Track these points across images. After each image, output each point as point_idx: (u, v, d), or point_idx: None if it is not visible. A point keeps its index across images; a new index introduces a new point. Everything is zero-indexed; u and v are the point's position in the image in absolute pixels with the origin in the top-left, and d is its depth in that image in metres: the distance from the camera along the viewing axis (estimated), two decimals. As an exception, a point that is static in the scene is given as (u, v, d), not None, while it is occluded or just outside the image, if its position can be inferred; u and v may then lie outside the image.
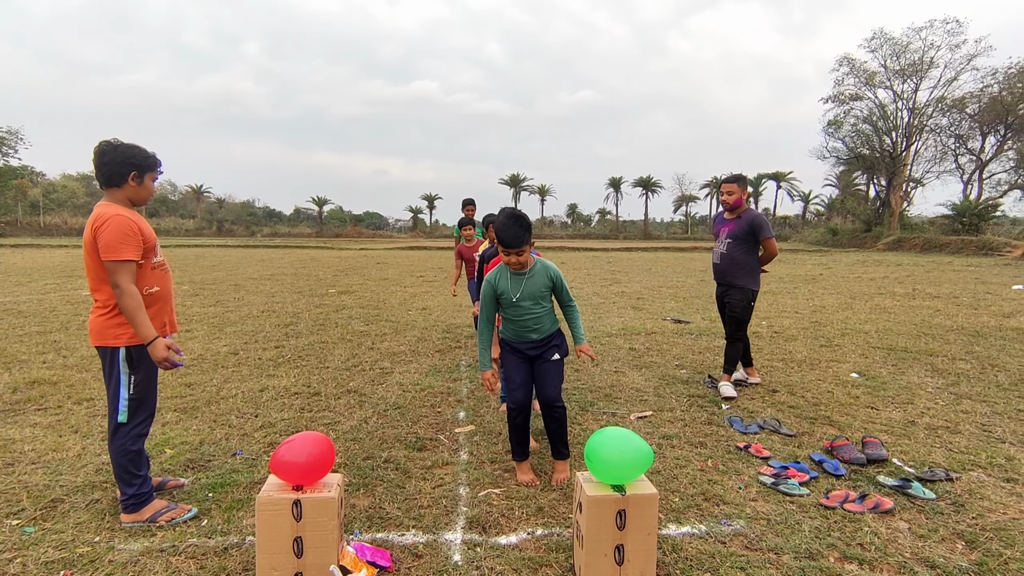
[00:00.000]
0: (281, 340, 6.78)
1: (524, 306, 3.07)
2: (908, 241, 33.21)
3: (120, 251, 2.50)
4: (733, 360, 4.84)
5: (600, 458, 2.26)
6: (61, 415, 4.13)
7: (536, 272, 3.10)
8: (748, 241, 4.67)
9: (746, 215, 4.72)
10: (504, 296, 3.07)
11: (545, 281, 3.11)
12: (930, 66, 37.73)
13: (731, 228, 4.73)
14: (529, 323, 3.10)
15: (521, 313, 3.08)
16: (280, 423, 4.03)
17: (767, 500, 2.97)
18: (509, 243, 2.93)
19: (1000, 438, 3.84)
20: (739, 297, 4.74)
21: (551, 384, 3.15)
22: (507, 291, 3.06)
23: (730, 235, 4.73)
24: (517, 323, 3.12)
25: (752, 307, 4.79)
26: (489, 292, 3.10)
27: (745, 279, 4.72)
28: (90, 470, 3.23)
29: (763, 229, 4.64)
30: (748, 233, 4.65)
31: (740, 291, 4.73)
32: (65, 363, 5.55)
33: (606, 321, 8.32)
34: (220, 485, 3.07)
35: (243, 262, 19.99)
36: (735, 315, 4.78)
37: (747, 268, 4.71)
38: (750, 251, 4.71)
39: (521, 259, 2.98)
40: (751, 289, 4.73)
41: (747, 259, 4.71)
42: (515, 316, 3.10)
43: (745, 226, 4.66)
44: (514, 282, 3.06)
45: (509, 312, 3.12)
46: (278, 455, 2.22)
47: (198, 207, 70.39)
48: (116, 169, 2.61)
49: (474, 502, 2.93)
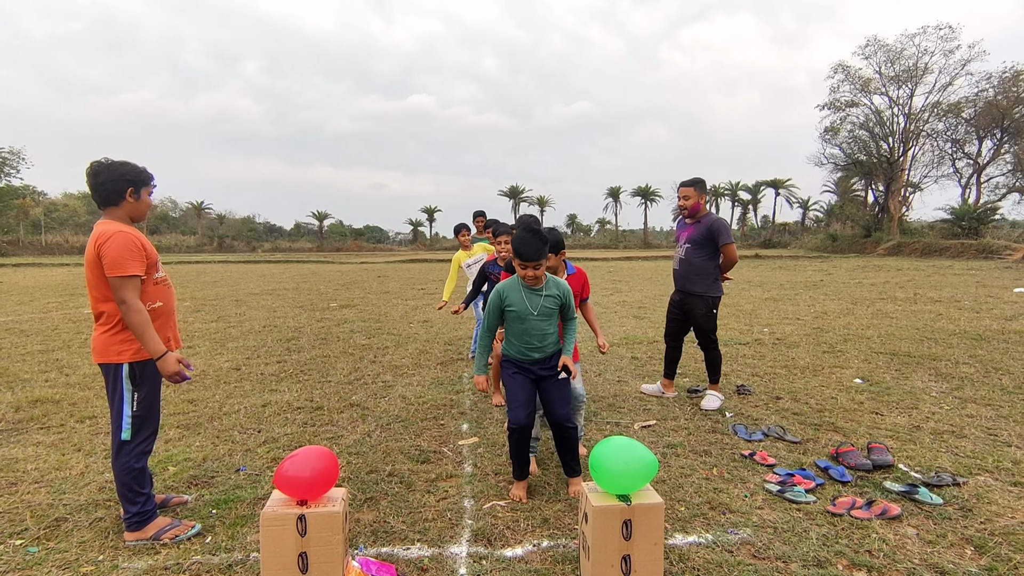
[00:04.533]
0: (283, 355, 6.78)
1: (533, 322, 3.00)
2: (908, 246, 33.23)
3: (126, 267, 2.51)
4: (716, 367, 4.72)
5: (605, 468, 2.25)
6: (64, 433, 4.13)
7: (549, 288, 3.04)
8: (707, 247, 4.53)
9: (705, 220, 4.57)
10: (513, 310, 3.00)
11: (556, 297, 3.06)
12: (925, 72, 38.02)
13: (690, 233, 4.61)
14: (535, 340, 3.02)
15: (528, 329, 3.00)
16: (283, 438, 4.02)
17: (773, 508, 2.96)
18: (528, 256, 2.85)
19: (1006, 442, 3.83)
20: (699, 305, 4.61)
21: (561, 403, 3.06)
22: (519, 305, 2.99)
23: (689, 240, 4.60)
24: (523, 339, 3.03)
25: (715, 314, 4.64)
26: (497, 303, 3.03)
27: (704, 286, 4.59)
28: (93, 488, 3.22)
29: (722, 234, 4.48)
30: (707, 238, 4.51)
31: (700, 299, 4.61)
32: (68, 381, 5.55)
33: (608, 331, 8.32)
34: (224, 501, 3.05)
35: (244, 277, 20.02)
36: (701, 324, 4.64)
37: (706, 275, 4.58)
38: (710, 257, 4.56)
39: (538, 273, 2.92)
40: (711, 296, 4.60)
41: (706, 265, 4.57)
42: (522, 331, 3.02)
43: (704, 231, 4.52)
44: (527, 297, 3.00)
45: (515, 327, 3.03)
46: (282, 470, 2.22)
47: (199, 224, 70.58)
48: (113, 187, 2.62)
49: (479, 515, 2.91)
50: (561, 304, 3.08)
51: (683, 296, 4.74)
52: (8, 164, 44.43)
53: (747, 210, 74.41)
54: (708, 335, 4.69)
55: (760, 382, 5.42)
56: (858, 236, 41.46)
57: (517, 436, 3.03)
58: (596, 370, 5.94)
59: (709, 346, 4.72)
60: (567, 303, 3.09)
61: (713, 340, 4.70)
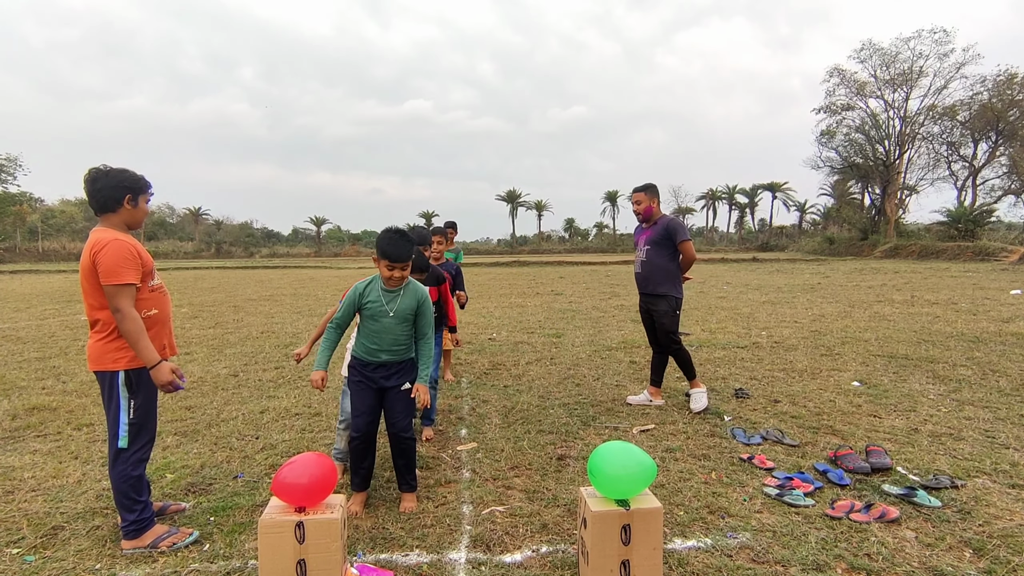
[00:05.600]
0: (281, 361, 6.77)
1: (387, 323, 2.96)
2: (905, 248, 33.36)
3: (120, 275, 2.50)
4: (688, 365, 4.71)
5: (603, 473, 2.25)
6: (61, 441, 4.11)
7: (408, 291, 3.02)
8: (666, 246, 4.60)
9: (661, 220, 4.66)
10: (369, 308, 2.96)
11: (412, 303, 3.02)
12: (919, 75, 38.30)
13: (648, 235, 4.69)
14: (387, 341, 2.98)
15: (381, 330, 2.97)
16: (281, 445, 4.01)
17: (772, 512, 2.96)
18: (396, 257, 2.88)
19: (1004, 444, 3.83)
20: (663, 306, 4.64)
21: (401, 413, 3.05)
22: (376, 305, 2.95)
23: (648, 242, 4.67)
24: (375, 338, 2.98)
25: (678, 315, 4.69)
26: (354, 299, 2.97)
27: (667, 286, 4.63)
28: (90, 496, 3.21)
29: (678, 232, 4.57)
30: (665, 238, 4.59)
31: (663, 299, 4.64)
32: (64, 389, 5.53)
33: (606, 335, 8.32)
34: (222, 509, 3.04)
35: (242, 283, 20.01)
36: (663, 324, 4.67)
37: (668, 274, 4.63)
38: (671, 257, 4.63)
39: (404, 274, 2.93)
40: (674, 296, 4.63)
41: (668, 265, 4.63)
42: (375, 331, 2.97)
43: (661, 231, 4.60)
44: (387, 296, 2.97)
45: (369, 326, 2.98)
46: (280, 477, 2.21)
47: (196, 229, 70.60)
48: (111, 194, 2.62)
49: (478, 520, 2.91)
50: (417, 311, 3.03)
51: (647, 299, 4.79)
52: (5, 171, 44.42)
53: (744, 213, 74.63)
54: (669, 335, 4.68)
55: (758, 385, 5.42)
56: (855, 239, 41.60)
57: (357, 444, 3.01)
58: (594, 374, 5.95)
59: (671, 347, 4.72)
60: (423, 310, 3.05)
61: (676, 340, 4.71)
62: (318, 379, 2.97)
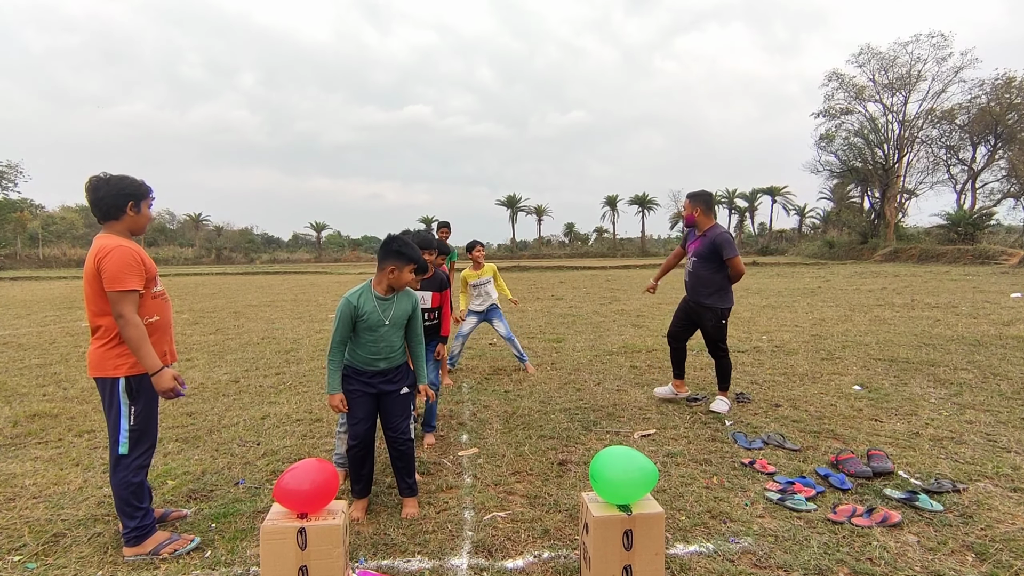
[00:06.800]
0: (282, 367, 6.77)
1: (385, 332, 2.97)
2: (905, 252, 33.35)
3: (125, 281, 2.52)
4: (727, 375, 4.79)
5: (605, 478, 2.25)
6: (62, 448, 4.11)
7: (401, 296, 3.04)
8: (713, 260, 4.62)
9: (711, 232, 4.66)
10: (366, 319, 2.93)
11: (407, 307, 3.05)
12: (918, 79, 38.40)
13: (696, 247, 4.72)
14: (383, 350, 2.99)
15: (378, 339, 2.97)
16: (282, 450, 4.01)
17: (774, 516, 2.95)
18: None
19: (1005, 447, 3.83)
20: (708, 317, 4.70)
21: (400, 417, 3.07)
22: (372, 315, 2.94)
23: (695, 254, 4.72)
24: (370, 348, 2.97)
25: (724, 325, 4.72)
26: (348, 313, 2.93)
27: (712, 298, 4.67)
28: (92, 503, 3.21)
29: (725, 248, 4.56)
30: (712, 252, 4.60)
31: (709, 311, 4.69)
32: (65, 395, 5.53)
33: (607, 339, 8.32)
34: (223, 515, 3.04)
35: (242, 289, 20.02)
36: (710, 334, 4.75)
37: (714, 287, 4.66)
38: (716, 270, 4.65)
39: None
40: (720, 308, 4.68)
41: (713, 277, 4.66)
42: (371, 341, 2.97)
43: (708, 245, 4.62)
44: (382, 304, 2.97)
45: (366, 337, 2.97)
46: (282, 483, 2.21)
47: (196, 235, 70.66)
48: (113, 202, 2.64)
49: (479, 526, 2.91)
50: (411, 315, 3.07)
51: (694, 305, 4.83)
52: (5, 177, 44.56)
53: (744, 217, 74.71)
54: (717, 344, 4.77)
55: (759, 390, 5.42)
56: (855, 242, 41.62)
57: (356, 451, 3.02)
58: (595, 379, 5.95)
59: (718, 355, 4.80)
60: (416, 315, 3.09)
61: (723, 349, 4.77)
62: (338, 402, 2.97)
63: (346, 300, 2.94)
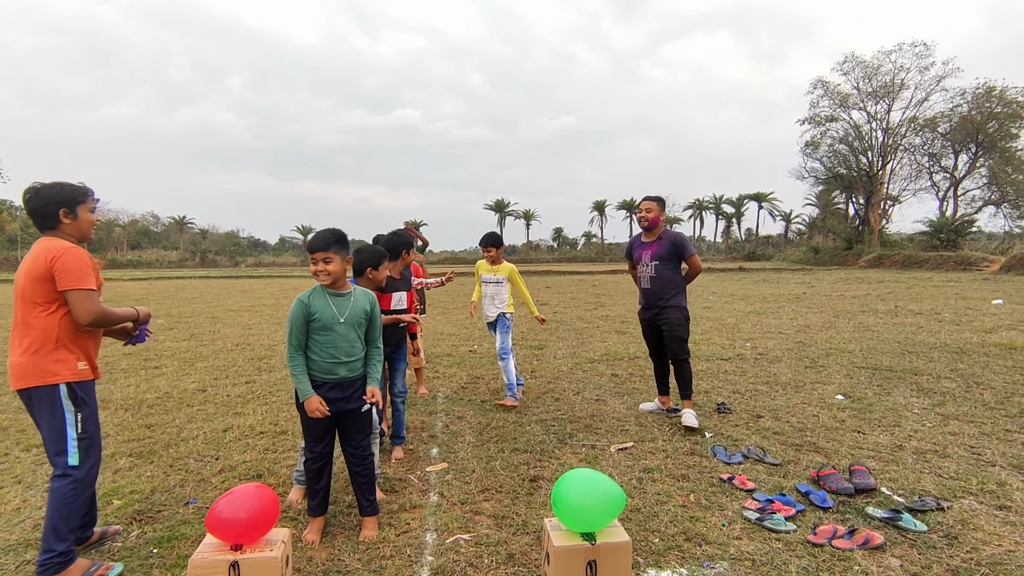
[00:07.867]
0: (253, 375, 6.55)
1: (341, 331, 2.83)
2: (888, 258, 33.64)
3: (86, 280, 2.47)
4: (688, 382, 4.65)
5: (567, 504, 2.09)
6: (7, 464, 3.88)
7: (356, 296, 2.92)
8: (674, 260, 4.73)
9: (666, 235, 4.77)
10: (319, 318, 2.79)
11: (365, 307, 2.92)
12: (901, 87, 38.89)
13: (655, 250, 4.75)
14: (343, 351, 2.83)
15: (336, 340, 2.82)
16: (241, 466, 3.80)
17: (752, 538, 2.81)
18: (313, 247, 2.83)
19: (990, 461, 3.73)
20: (676, 316, 4.71)
21: (360, 434, 2.94)
22: (324, 313, 2.80)
23: (655, 257, 4.74)
24: (328, 351, 2.81)
25: (688, 323, 4.77)
26: (302, 313, 2.79)
27: (677, 298, 4.74)
28: (27, 526, 2.99)
29: (687, 247, 4.72)
30: (672, 253, 4.70)
31: (676, 309, 4.72)
32: (19, 406, 5.26)
33: (588, 346, 8.18)
34: (167, 539, 2.84)
35: (224, 293, 19.66)
36: (676, 334, 4.69)
37: (677, 287, 4.76)
38: (677, 270, 4.78)
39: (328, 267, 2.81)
40: (684, 307, 4.75)
41: (675, 278, 4.76)
42: (328, 343, 2.81)
43: (668, 246, 4.70)
44: (335, 303, 2.84)
45: (321, 338, 2.81)
46: (215, 511, 2.03)
47: (181, 238, 69.79)
48: (45, 211, 2.53)
49: (440, 550, 2.73)
50: (368, 316, 2.94)
51: (657, 311, 4.77)
52: (-17, 178, 43.55)
53: (731, 223, 75.18)
54: (682, 345, 4.68)
55: (741, 399, 5.30)
56: (840, 248, 41.95)
57: (312, 464, 2.87)
58: (575, 388, 5.80)
59: (680, 358, 4.68)
60: (374, 316, 2.98)
61: (687, 351, 4.70)
62: (317, 404, 2.75)
63: (297, 301, 2.83)
